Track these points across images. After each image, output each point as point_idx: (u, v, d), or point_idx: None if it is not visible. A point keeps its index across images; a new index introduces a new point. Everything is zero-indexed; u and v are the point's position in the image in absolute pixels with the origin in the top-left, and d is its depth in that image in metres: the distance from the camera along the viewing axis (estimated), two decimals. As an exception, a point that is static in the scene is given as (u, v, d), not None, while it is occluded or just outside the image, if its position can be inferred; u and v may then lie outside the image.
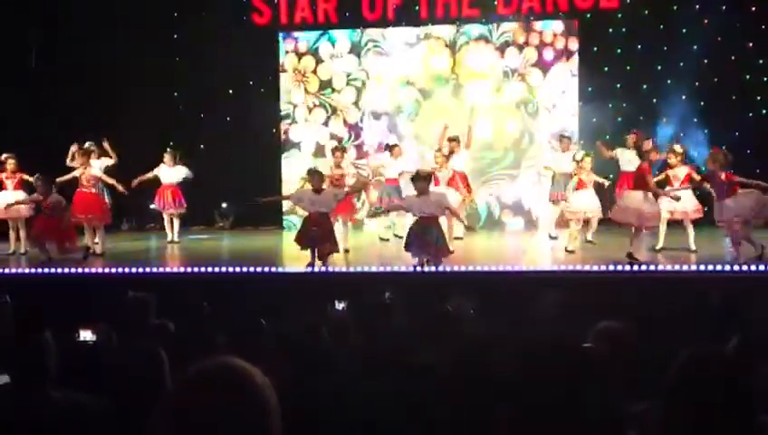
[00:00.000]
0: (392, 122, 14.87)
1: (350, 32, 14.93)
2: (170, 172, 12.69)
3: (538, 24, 14.41)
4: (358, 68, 14.97)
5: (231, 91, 14.94)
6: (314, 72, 15.08)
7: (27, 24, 13.75)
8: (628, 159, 11.70)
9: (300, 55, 15.12)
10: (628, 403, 2.90)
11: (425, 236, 9.09)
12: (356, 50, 14.96)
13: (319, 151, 14.87)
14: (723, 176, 9.37)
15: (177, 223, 13.02)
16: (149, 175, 12.57)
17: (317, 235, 9.59)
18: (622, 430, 2.41)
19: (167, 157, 12.69)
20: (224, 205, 15.38)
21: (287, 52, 15.15)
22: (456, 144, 12.25)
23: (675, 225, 10.76)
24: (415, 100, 14.81)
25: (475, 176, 14.24)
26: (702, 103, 13.60)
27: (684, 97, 13.65)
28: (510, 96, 14.54)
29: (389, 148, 12.75)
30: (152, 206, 13.36)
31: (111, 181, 11.65)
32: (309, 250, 9.74)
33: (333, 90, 15.06)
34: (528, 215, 14.56)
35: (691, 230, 10.41)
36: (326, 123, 15.06)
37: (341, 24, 14.90)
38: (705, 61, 13.57)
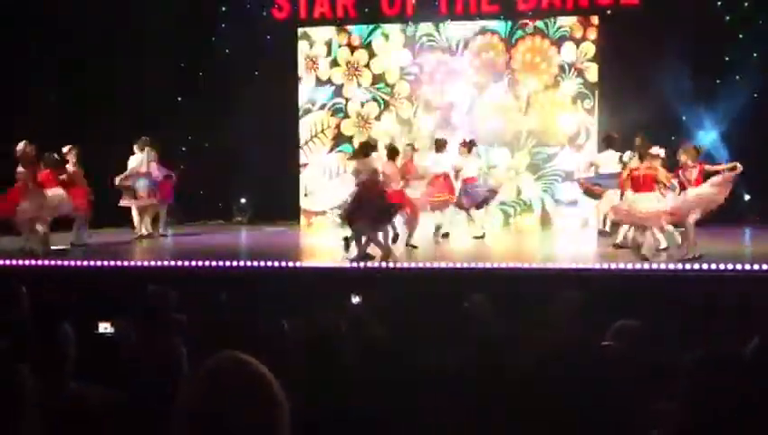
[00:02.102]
0: (445, 117, 14.72)
1: (404, 26, 14.81)
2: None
3: (596, 20, 14.28)
4: (411, 62, 14.84)
5: (249, 86, 14.93)
6: (367, 66, 15.02)
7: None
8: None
9: (353, 49, 15.07)
10: (648, 402, 2.89)
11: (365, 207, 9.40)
12: (410, 44, 14.84)
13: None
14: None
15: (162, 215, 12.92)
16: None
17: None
18: (643, 429, 2.39)
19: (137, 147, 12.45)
20: (242, 200, 15.44)
21: (340, 45, 15.08)
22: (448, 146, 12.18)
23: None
24: (469, 95, 14.66)
25: (529, 172, 14.36)
26: (722, 101, 13.49)
27: (704, 95, 13.55)
28: (566, 91, 14.39)
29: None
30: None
31: None
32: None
33: (386, 84, 14.97)
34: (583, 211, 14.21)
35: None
36: (378, 118, 14.94)
37: (360, 19, 14.88)
38: (727, 58, 13.48)
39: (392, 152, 11.19)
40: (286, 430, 1.69)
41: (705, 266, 8.42)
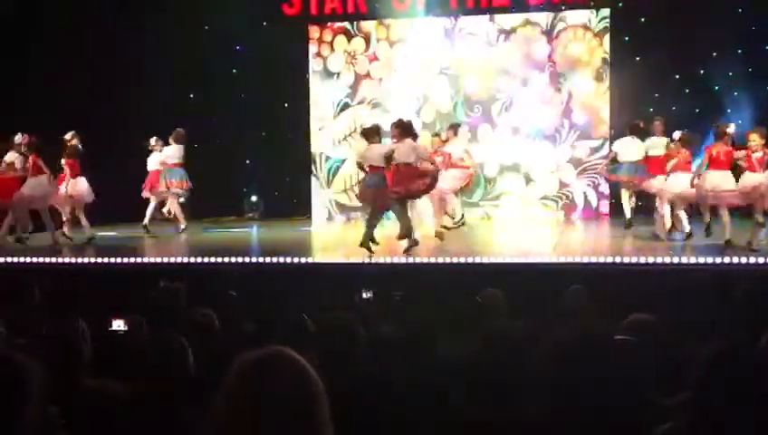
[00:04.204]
0: (486, 111, 14.55)
1: (443, 19, 14.66)
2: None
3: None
4: (451, 56, 14.68)
5: (261, 82, 14.92)
6: (405, 59, 14.84)
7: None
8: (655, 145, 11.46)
9: (392, 43, 14.95)
10: (660, 397, 2.88)
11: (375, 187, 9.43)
12: (449, 37, 14.69)
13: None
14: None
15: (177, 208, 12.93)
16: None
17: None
18: (656, 422, 2.39)
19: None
20: (253, 198, 15.47)
21: (378, 40, 14.98)
22: (452, 132, 12.06)
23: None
24: (510, 88, 14.49)
25: (571, 165, 14.21)
26: (735, 94, 13.42)
27: (717, 87, 13.49)
28: (609, 83, 14.17)
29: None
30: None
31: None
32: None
33: (426, 78, 14.75)
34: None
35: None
36: (418, 113, 14.65)
37: (370, 14, 14.84)
38: (739, 51, 13.41)
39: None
40: (327, 425, 1.74)
41: (718, 260, 8.39)
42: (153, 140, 12.47)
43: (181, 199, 12.76)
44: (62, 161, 11.30)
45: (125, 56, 13.84)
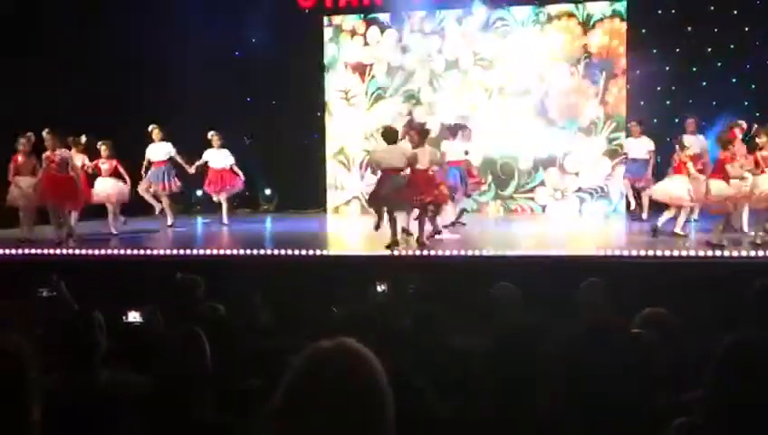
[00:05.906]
0: (521, 103, 14.35)
1: (478, 10, 14.45)
2: (219, 156, 12.79)
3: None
4: (486, 47, 14.49)
5: (276, 76, 14.93)
6: (440, 51, 14.76)
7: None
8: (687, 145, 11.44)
9: (425, 34, 14.81)
10: (675, 392, 2.87)
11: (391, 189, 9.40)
12: (484, 28, 14.49)
13: (442, 133, 12.98)
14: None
15: (225, 206, 13.11)
16: (199, 162, 12.73)
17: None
18: (669, 418, 2.38)
19: (214, 140, 12.79)
20: (267, 191, 15.50)
21: (411, 31, 14.85)
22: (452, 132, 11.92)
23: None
24: (546, 79, 14.25)
25: (607, 157, 14.02)
26: (753, 87, 13.31)
27: (734, 80, 13.38)
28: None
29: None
30: (199, 192, 13.58)
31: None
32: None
33: (459, 70, 14.62)
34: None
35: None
36: (451, 104, 14.51)
37: (386, 7, 14.79)
38: (757, 43, 13.29)
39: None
40: (390, 425, 1.69)
41: (735, 253, 8.34)
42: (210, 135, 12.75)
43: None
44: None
45: (126, 55, 13.72)
